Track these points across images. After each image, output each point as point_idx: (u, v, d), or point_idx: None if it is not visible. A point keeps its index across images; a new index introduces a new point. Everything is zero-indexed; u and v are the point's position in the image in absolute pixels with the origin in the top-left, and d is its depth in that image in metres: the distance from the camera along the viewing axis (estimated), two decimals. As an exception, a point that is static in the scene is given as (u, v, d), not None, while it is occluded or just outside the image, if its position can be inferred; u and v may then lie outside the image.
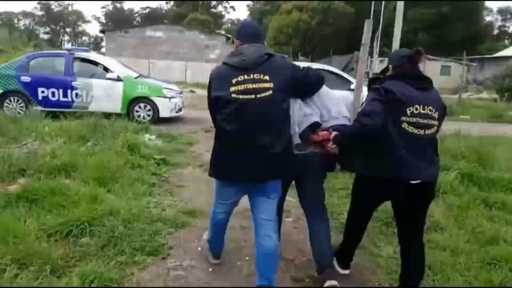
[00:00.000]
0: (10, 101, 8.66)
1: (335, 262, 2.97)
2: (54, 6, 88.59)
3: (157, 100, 8.98)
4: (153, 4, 70.52)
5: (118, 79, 8.85)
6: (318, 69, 3.22)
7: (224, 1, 67.71)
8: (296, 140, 2.54)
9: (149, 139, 6.95)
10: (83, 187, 3.94)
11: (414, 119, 2.39)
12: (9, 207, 3.57)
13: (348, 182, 4.66)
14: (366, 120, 2.35)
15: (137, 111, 8.99)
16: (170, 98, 9.16)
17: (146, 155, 5.52)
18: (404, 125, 2.39)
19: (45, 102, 8.70)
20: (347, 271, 3.01)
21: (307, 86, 2.64)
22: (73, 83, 8.70)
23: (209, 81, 2.55)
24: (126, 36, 23.89)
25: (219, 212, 2.79)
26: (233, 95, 2.37)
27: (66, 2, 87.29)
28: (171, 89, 9.39)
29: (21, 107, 8.67)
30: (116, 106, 8.88)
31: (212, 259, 3.09)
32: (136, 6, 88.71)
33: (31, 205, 3.65)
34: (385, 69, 2.69)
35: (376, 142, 2.41)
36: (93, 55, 9.11)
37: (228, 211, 2.80)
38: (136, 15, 77.19)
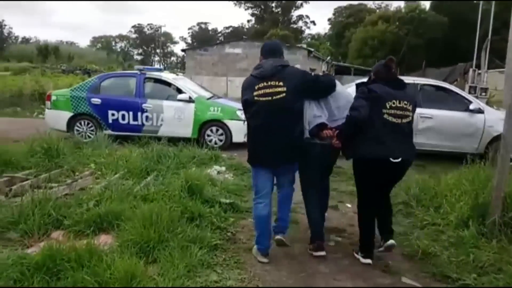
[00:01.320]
0: (81, 124, 8.24)
1: (358, 254, 3.38)
2: (147, 29, 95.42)
3: (230, 124, 8.00)
4: (236, 24, 71.86)
5: (190, 100, 8.03)
6: (431, 85, 4.00)
7: (305, 17, 66.74)
8: (306, 134, 3.23)
9: (217, 172, 5.89)
10: (120, 257, 2.89)
11: (393, 111, 3.14)
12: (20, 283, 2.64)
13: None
14: (354, 113, 3.13)
15: (208, 136, 8.08)
16: (244, 121, 8.10)
17: (210, 199, 4.40)
18: (385, 116, 3.13)
19: (115, 125, 8.16)
20: (369, 261, 3.31)
21: (319, 88, 3.31)
22: (144, 105, 8.05)
23: (241, 89, 3.28)
24: (205, 54, 23.84)
25: (260, 202, 3.28)
26: (255, 98, 3.13)
27: (157, 25, 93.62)
28: (246, 110, 8.35)
29: (91, 130, 8.22)
30: (186, 130, 8.05)
31: (261, 257, 3.33)
32: (220, 26, 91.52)
33: (50, 281, 2.69)
34: (369, 78, 3.42)
35: (365, 131, 3.12)
36: (165, 75, 8.44)
37: (267, 201, 3.29)
38: (219, 34, 79.71)
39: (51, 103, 8.27)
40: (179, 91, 8.15)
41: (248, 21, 69.20)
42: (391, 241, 3.35)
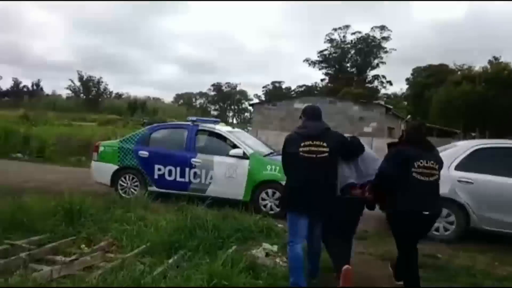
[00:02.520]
0: (125, 178, 7.45)
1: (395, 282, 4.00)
2: (224, 87, 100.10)
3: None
4: (309, 83, 72.11)
5: (244, 156, 6.91)
6: None
7: (381, 77, 65.08)
8: (338, 192, 3.76)
9: (266, 254, 4.51)
10: None
11: (421, 170, 3.56)
12: None
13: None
14: (381, 169, 3.71)
15: (263, 199, 6.82)
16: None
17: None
18: (415, 174, 3.55)
19: (160, 181, 7.24)
20: (401, 282, 3.90)
21: (352, 150, 3.86)
22: (193, 160, 7.08)
23: (285, 143, 3.79)
24: (273, 109, 23.05)
25: (296, 244, 3.62)
26: (301, 154, 3.57)
27: (234, 84, 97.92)
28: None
29: (136, 186, 7.37)
30: (238, 191, 6.87)
31: None
32: (293, 84, 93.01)
33: None
34: (401, 137, 3.98)
35: (398, 188, 3.59)
36: (219, 128, 7.49)
37: (302, 244, 3.68)
38: (292, 92, 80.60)
39: (98, 155, 7.64)
40: (234, 146, 7.09)
41: (322, 80, 69.04)
42: None
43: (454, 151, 6.24)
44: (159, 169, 7.21)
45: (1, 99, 63.99)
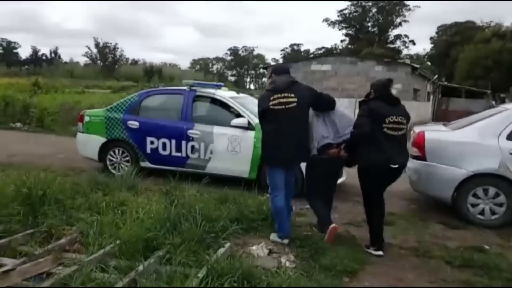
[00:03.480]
0: (114, 153, 6.53)
1: (370, 249, 3.97)
2: (241, 51, 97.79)
3: (303, 166, 5.64)
4: (329, 44, 69.14)
5: (249, 127, 5.86)
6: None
7: (403, 36, 61.65)
8: (314, 151, 3.99)
9: (269, 252, 3.56)
10: None
11: (391, 125, 3.75)
12: None
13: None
14: (357, 131, 3.84)
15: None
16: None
17: None
18: (385, 130, 3.75)
19: (154, 157, 6.29)
20: (380, 252, 3.91)
21: (322, 102, 4.04)
22: (189, 132, 6.07)
23: (258, 102, 3.99)
24: None
25: (277, 195, 3.86)
26: (271, 107, 3.73)
27: (251, 47, 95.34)
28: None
29: (127, 161, 6.46)
30: (242, 167, 5.89)
31: (285, 240, 3.90)
32: (312, 47, 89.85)
33: None
34: (368, 94, 4.05)
35: (370, 143, 3.75)
36: (220, 93, 6.39)
37: (283, 194, 3.87)
38: (311, 55, 77.80)
39: (83, 125, 6.69)
40: (238, 114, 6.03)
41: (342, 41, 65.92)
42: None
43: (505, 116, 5.04)
44: (152, 142, 6.25)
45: (21, 68, 63.92)
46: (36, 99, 14.59)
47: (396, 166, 3.81)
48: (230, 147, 5.89)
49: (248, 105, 6.33)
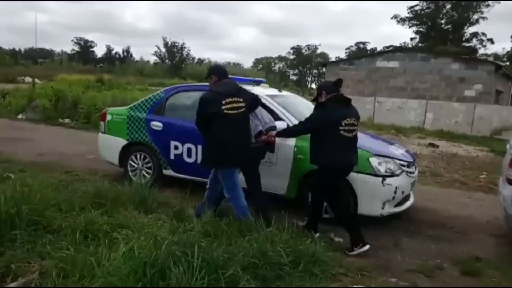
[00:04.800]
0: (136, 158, 5.68)
1: (357, 250, 3.83)
2: (304, 50, 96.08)
3: (354, 179, 4.42)
4: (397, 42, 64.95)
5: (289, 133, 4.70)
6: None
7: (480, 34, 56.09)
8: (253, 139, 4.14)
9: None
10: None
11: (347, 128, 3.83)
12: None
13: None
14: (300, 127, 4.11)
15: (315, 198, 4.62)
16: (384, 176, 4.40)
17: None
18: (342, 132, 3.81)
19: (177, 164, 5.35)
20: (367, 246, 3.82)
21: (255, 103, 4.21)
22: (218, 136, 5.05)
23: (203, 103, 3.83)
24: (350, 69, 19.40)
25: (240, 196, 3.97)
26: (225, 111, 3.74)
27: (314, 45, 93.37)
28: (390, 157, 4.63)
29: (149, 167, 5.59)
30: (278, 182, 4.76)
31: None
32: (379, 45, 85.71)
33: None
34: (317, 96, 4.07)
35: (328, 144, 3.83)
36: (257, 90, 5.15)
37: (242, 193, 4.00)
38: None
39: (105, 125, 5.93)
40: (277, 117, 4.88)
41: (412, 39, 61.64)
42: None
43: None
44: (176, 147, 5.31)
45: (95, 65, 67.70)
46: (88, 95, 14.46)
47: (352, 165, 4.04)
48: (265, 157, 4.77)
49: (290, 106, 5.19)
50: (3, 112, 13.23)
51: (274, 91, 5.60)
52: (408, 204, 4.85)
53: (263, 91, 5.22)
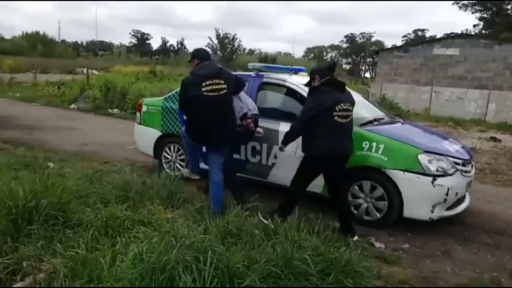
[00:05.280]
0: (170, 150, 5.54)
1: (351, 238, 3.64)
2: (359, 38, 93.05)
3: (400, 179, 3.97)
4: (458, 30, 60.73)
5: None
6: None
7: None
8: (238, 121, 4.15)
9: None
10: None
11: (341, 113, 3.63)
12: None
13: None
14: (294, 124, 3.81)
15: (355, 197, 4.24)
16: (435, 176, 3.90)
17: None
18: (336, 118, 3.62)
19: (210, 156, 5.13)
20: (356, 237, 3.71)
21: (239, 86, 4.26)
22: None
23: (185, 86, 3.93)
24: (404, 56, 18.15)
25: (218, 175, 4.05)
26: (205, 93, 3.79)
27: (368, 33, 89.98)
28: (442, 154, 4.10)
29: (182, 160, 5.43)
30: (315, 180, 4.35)
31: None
32: (439, 33, 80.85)
33: None
34: (312, 80, 3.85)
35: (322, 131, 3.64)
36: (294, 79, 4.84)
37: (220, 171, 4.07)
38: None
39: (141, 116, 5.85)
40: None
41: (475, 26, 57.29)
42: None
43: None
44: (209, 139, 5.08)
45: (151, 57, 69.98)
46: (137, 86, 14.75)
47: (343, 154, 3.83)
48: (299, 151, 4.41)
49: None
50: (57, 102, 13.82)
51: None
52: (462, 207, 4.31)
53: (300, 80, 4.84)
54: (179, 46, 77.70)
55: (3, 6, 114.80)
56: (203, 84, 3.80)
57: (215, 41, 68.80)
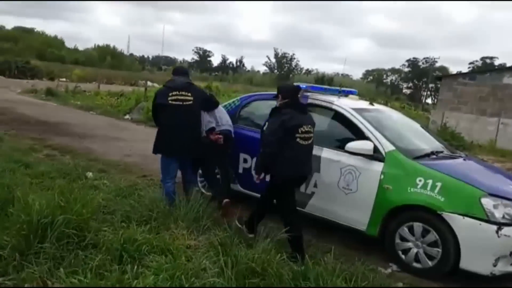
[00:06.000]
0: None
1: (244, 228, 3.88)
2: (422, 62, 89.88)
3: (458, 224, 3.40)
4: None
5: (375, 155, 3.85)
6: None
7: None
8: (204, 134, 4.47)
9: None
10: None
11: (303, 135, 3.61)
12: None
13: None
14: (267, 150, 3.61)
15: (403, 239, 3.70)
16: (500, 224, 3.29)
17: None
18: (298, 140, 3.59)
19: (246, 179, 4.82)
20: (253, 235, 3.72)
21: (209, 103, 4.60)
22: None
23: (155, 96, 4.39)
24: (470, 84, 16.82)
25: (169, 182, 4.32)
26: (170, 102, 4.12)
27: (432, 58, 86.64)
28: (510, 198, 3.48)
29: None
30: (357, 215, 3.92)
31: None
32: (509, 61, 75.89)
33: None
34: (276, 97, 3.92)
35: (285, 153, 3.54)
36: (343, 102, 4.48)
37: (173, 181, 4.36)
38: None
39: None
40: (362, 135, 4.06)
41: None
42: None
43: None
44: (245, 161, 4.80)
45: (210, 73, 72.30)
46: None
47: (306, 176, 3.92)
48: (343, 182, 3.98)
49: (382, 122, 4.31)
50: (113, 112, 14.29)
51: (363, 104, 4.74)
52: None
53: (348, 104, 4.42)
54: (238, 63, 79.50)
55: (81, 19, 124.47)
56: (170, 94, 4.14)
57: (273, 60, 69.57)
